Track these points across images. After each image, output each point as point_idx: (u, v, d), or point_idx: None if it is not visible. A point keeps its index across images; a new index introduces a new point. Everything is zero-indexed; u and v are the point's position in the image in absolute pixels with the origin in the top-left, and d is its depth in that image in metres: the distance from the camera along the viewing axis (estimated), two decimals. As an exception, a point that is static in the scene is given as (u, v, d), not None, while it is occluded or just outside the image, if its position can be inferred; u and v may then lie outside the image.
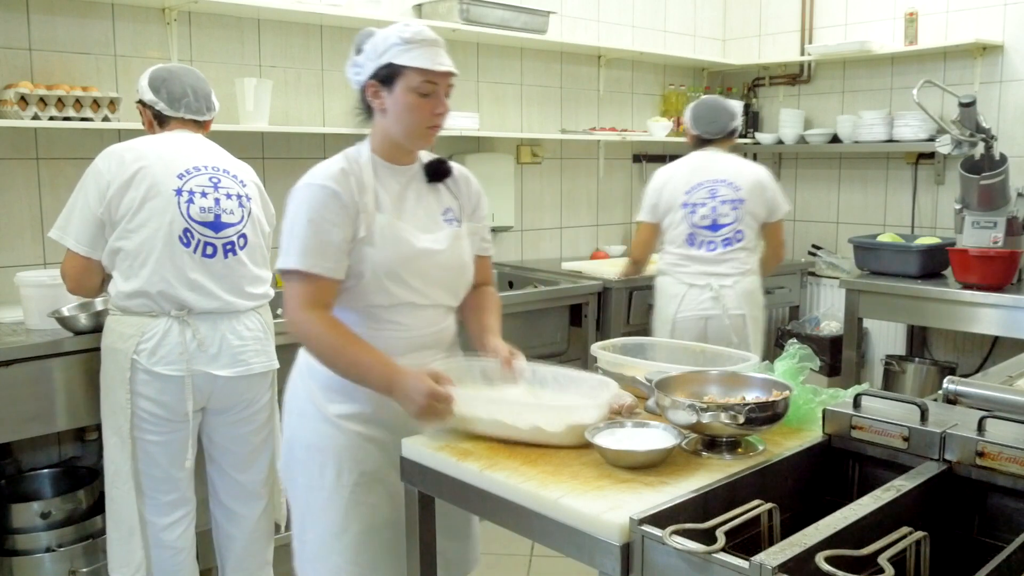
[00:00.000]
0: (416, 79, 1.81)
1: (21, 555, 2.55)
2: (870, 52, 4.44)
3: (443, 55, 1.85)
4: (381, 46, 1.83)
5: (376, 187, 1.88)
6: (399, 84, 1.82)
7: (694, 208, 3.30)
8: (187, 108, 2.46)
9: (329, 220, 1.80)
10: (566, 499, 1.42)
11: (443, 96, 1.86)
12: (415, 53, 1.81)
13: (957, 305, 3.62)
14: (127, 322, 2.32)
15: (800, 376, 1.85)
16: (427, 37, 1.84)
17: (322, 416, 1.90)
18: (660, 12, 4.95)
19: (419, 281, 1.89)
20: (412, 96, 1.82)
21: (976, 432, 1.51)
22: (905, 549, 1.23)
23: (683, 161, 3.46)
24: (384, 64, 1.82)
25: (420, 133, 1.88)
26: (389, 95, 1.84)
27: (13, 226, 2.94)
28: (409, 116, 1.84)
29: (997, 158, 3.59)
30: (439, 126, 1.88)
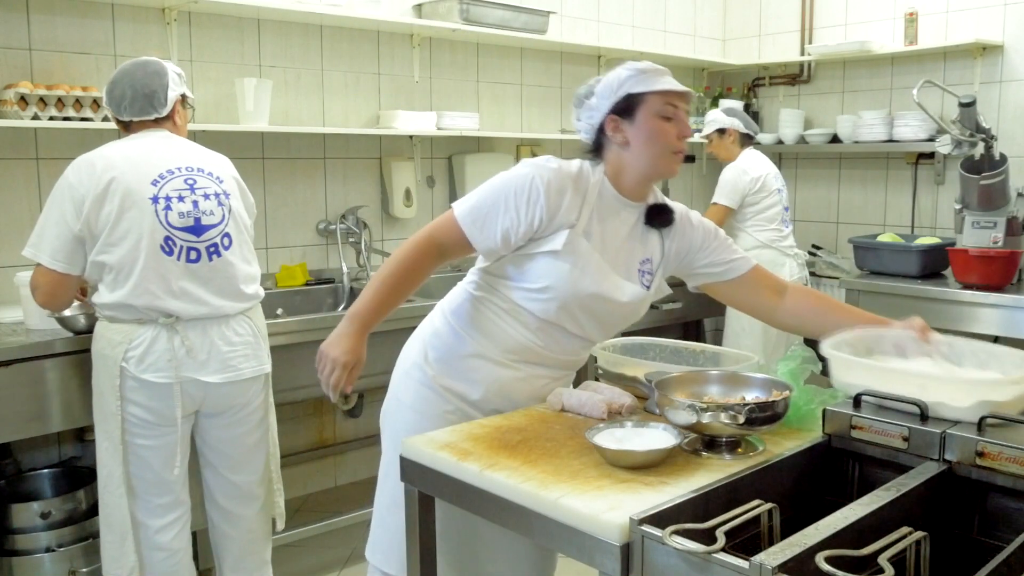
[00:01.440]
0: (658, 103, 1.83)
1: (21, 555, 2.55)
2: (870, 52, 4.44)
3: (671, 78, 1.87)
4: (615, 83, 1.85)
5: (594, 211, 1.87)
6: (641, 112, 1.84)
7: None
8: (129, 111, 2.37)
9: (510, 200, 1.81)
10: (566, 499, 1.42)
11: (684, 119, 1.87)
12: (651, 79, 1.84)
13: (957, 305, 3.62)
14: (115, 329, 2.30)
15: (801, 377, 1.85)
16: (658, 67, 1.87)
17: (428, 382, 1.96)
18: (660, 12, 4.95)
19: (584, 316, 1.90)
20: (656, 121, 1.83)
21: (976, 432, 1.51)
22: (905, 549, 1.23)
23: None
24: (623, 96, 1.84)
25: (666, 158, 1.87)
26: (631, 126, 1.85)
27: (13, 226, 2.94)
28: (655, 141, 1.84)
29: (997, 158, 3.59)
30: (683, 150, 1.88)
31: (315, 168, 3.66)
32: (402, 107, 3.81)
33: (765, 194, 3.99)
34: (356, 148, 3.76)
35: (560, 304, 1.86)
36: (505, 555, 1.99)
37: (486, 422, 1.83)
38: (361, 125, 3.74)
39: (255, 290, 2.47)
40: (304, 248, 3.64)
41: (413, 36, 3.84)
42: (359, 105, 3.74)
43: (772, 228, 4.02)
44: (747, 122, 4.10)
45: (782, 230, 4.05)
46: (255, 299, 2.47)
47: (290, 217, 3.58)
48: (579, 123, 1.94)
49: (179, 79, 2.44)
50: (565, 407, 1.90)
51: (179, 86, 2.43)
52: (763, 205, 4.00)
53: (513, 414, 1.89)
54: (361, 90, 3.74)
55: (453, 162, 4.08)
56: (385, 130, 3.63)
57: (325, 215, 3.69)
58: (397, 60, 3.84)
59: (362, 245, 3.64)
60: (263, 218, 3.49)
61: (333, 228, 3.66)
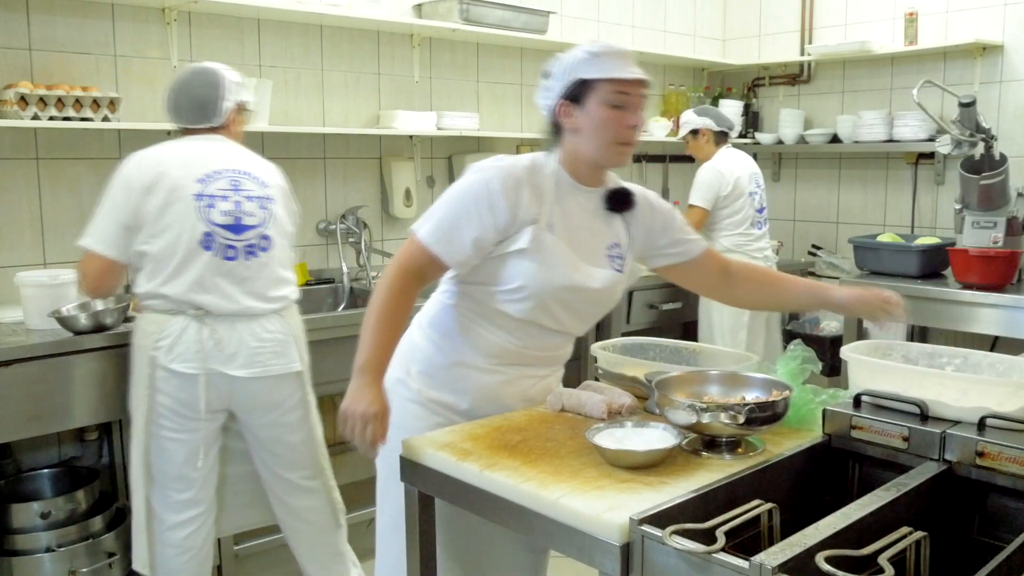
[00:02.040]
0: (608, 90, 1.76)
1: (21, 555, 2.54)
2: (870, 52, 4.44)
3: (633, 65, 1.80)
4: (569, 65, 1.80)
5: (553, 203, 1.83)
6: (590, 99, 1.78)
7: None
8: (185, 119, 2.48)
9: (471, 208, 1.77)
10: (566, 499, 1.42)
11: (636, 108, 1.80)
12: (604, 64, 1.77)
13: (957, 305, 3.61)
14: (149, 319, 2.37)
15: (801, 377, 1.85)
16: (614, 49, 1.79)
17: (414, 396, 1.92)
18: (660, 12, 4.95)
19: (560, 309, 1.86)
20: (604, 109, 1.77)
21: (976, 432, 1.51)
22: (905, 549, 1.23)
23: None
24: (573, 81, 1.78)
25: (613, 149, 1.81)
26: (581, 112, 1.79)
27: (13, 226, 2.94)
28: (602, 130, 1.79)
29: (997, 158, 3.59)
30: (632, 141, 1.81)
31: (315, 168, 3.66)
32: (402, 107, 3.81)
33: (737, 197, 3.93)
34: (356, 148, 3.76)
35: (535, 302, 1.83)
36: (499, 557, 1.98)
37: (486, 422, 1.83)
38: (361, 125, 3.73)
39: (286, 293, 2.49)
40: (304, 248, 3.64)
41: (413, 36, 3.84)
42: (359, 105, 3.74)
43: (740, 232, 3.96)
44: (720, 119, 4.01)
45: (752, 232, 3.99)
46: (284, 301, 2.49)
47: (290, 217, 3.58)
48: (539, 102, 1.89)
49: (236, 88, 2.51)
50: (565, 407, 1.90)
51: (236, 95, 2.51)
52: (733, 208, 3.94)
53: (513, 414, 1.89)
54: (361, 90, 3.74)
55: (453, 162, 4.08)
56: (385, 130, 3.63)
57: (325, 215, 3.69)
58: (397, 60, 3.84)
59: (362, 245, 3.64)
60: (263, 218, 3.49)
61: (333, 228, 3.66)
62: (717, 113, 4.08)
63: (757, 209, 4.02)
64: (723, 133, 4.00)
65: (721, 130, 3.99)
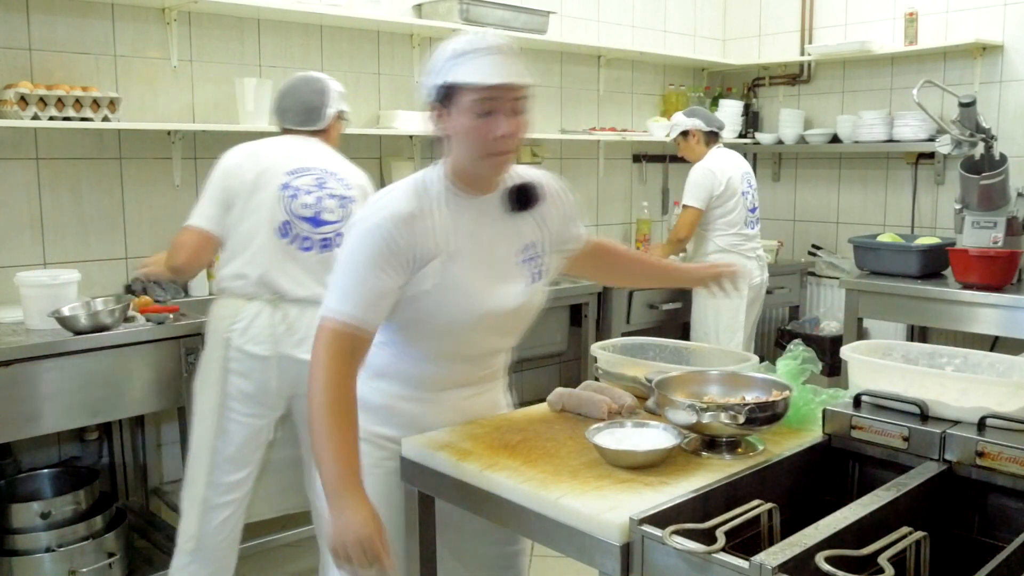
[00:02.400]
0: (469, 97, 1.56)
1: (21, 555, 2.55)
2: (870, 52, 4.44)
3: (504, 64, 1.58)
4: (438, 63, 1.61)
5: (449, 227, 1.66)
6: (455, 105, 1.59)
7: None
8: (291, 121, 2.64)
9: (375, 267, 1.61)
10: (566, 499, 1.42)
11: (506, 114, 1.58)
12: (469, 66, 1.56)
13: (957, 305, 3.62)
14: (225, 304, 2.48)
15: (801, 377, 1.85)
16: (481, 45, 1.58)
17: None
18: (660, 12, 4.95)
19: (481, 335, 1.76)
20: (468, 117, 1.58)
21: (976, 432, 1.51)
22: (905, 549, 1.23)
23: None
24: (439, 83, 1.60)
25: (485, 161, 1.63)
26: (449, 118, 1.61)
27: (13, 226, 2.94)
28: (468, 142, 1.60)
29: (997, 158, 3.59)
30: (506, 150, 1.62)
31: (315, 168, 3.65)
32: (402, 107, 3.80)
33: (730, 196, 3.91)
34: (356, 148, 3.75)
35: (453, 336, 1.72)
36: (471, 559, 1.94)
37: (486, 422, 1.83)
38: (361, 125, 3.73)
39: None
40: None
41: (413, 36, 3.84)
42: (359, 105, 3.74)
43: (734, 232, 3.95)
44: (709, 119, 3.99)
45: (746, 232, 3.98)
46: None
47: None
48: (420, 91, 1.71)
49: (339, 97, 2.69)
50: (565, 407, 1.90)
51: (338, 103, 2.69)
52: (726, 208, 3.92)
53: (513, 414, 1.89)
54: (361, 90, 3.74)
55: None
56: (385, 130, 3.63)
57: (325, 215, 3.69)
58: (397, 60, 3.84)
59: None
60: (263, 218, 3.50)
61: (333, 228, 3.66)
62: (705, 113, 4.07)
63: (750, 209, 4.00)
64: (713, 133, 3.98)
65: (711, 130, 3.97)
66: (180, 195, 3.28)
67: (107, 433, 3.12)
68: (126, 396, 2.59)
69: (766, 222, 5.09)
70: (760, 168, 5.20)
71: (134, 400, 2.62)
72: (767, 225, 5.08)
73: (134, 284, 3.13)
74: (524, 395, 4.73)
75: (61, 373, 2.48)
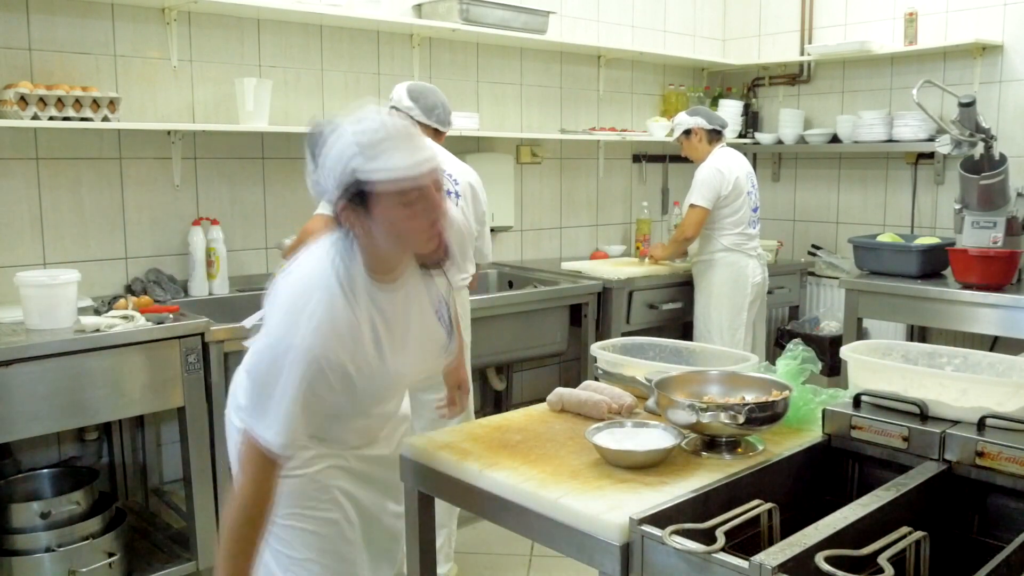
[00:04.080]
0: (395, 193, 1.46)
1: (21, 555, 2.54)
2: (870, 52, 4.44)
3: (417, 142, 1.50)
4: (342, 159, 1.46)
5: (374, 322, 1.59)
6: (376, 202, 1.47)
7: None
8: (437, 120, 2.78)
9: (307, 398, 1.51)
10: (566, 499, 1.42)
11: (435, 193, 1.51)
12: (383, 160, 1.44)
13: (957, 305, 3.62)
14: None
15: (801, 377, 1.85)
16: (389, 133, 1.47)
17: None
18: (660, 12, 4.95)
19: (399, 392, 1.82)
20: (397, 211, 1.47)
21: (976, 432, 1.51)
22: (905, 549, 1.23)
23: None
24: (350, 183, 1.46)
25: (422, 248, 1.56)
26: (368, 217, 1.49)
27: (13, 226, 2.94)
28: (399, 238, 1.52)
29: (997, 158, 3.59)
30: (441, 230, 1.54)
31: (315, 168, 3.65)
32: (402, 107, 3.80)
33: (736, 196, 3.91)
34: (356, 148, 3.76)
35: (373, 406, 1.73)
36: None
37: (485, 422, 1.83)
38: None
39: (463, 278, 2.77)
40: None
41: (413, 36, 3.84)
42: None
43: (739, 232, 3.95)
44: (711, 117, 3.98)
45: (749, 232, 3.98)
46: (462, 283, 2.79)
47: (290, 217, 3.58)
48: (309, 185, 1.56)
49: None
50: (565, 407, 1.90)
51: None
52: (733, 208, 3.92)
53: (513, 414, 1.90)
54: (361, 90, 3.74)
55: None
56: (385, 130, 3.62)
57: (325, 215, 3.69)
58: (397, 60, 3.84)
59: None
60: (263, 218, 3.50)
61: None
62: (707, 112, 4.07)
63: (753, 208, 4.02)
64: (716, 131, 3.97)
65: (713, 128, 3.96)
66: (180, 195, 3.28)
67: (107, 433, 3.12)
68: (126, 396, 2.59)
69: (766, 222, 5.09)
70: (760, 168, 5.20)
71: (134, 400, 2.62)
72: (767, 225, 5.08)
73: (134, 284, 3.13)
74: (524, 395, 4.76)
75: (61, 373, 2.47)
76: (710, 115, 4.01)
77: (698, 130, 3.96)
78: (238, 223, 3.43)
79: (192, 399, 2.72)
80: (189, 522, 2.82)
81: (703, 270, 4.00)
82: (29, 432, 2.50)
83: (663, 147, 4.91)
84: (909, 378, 1.65)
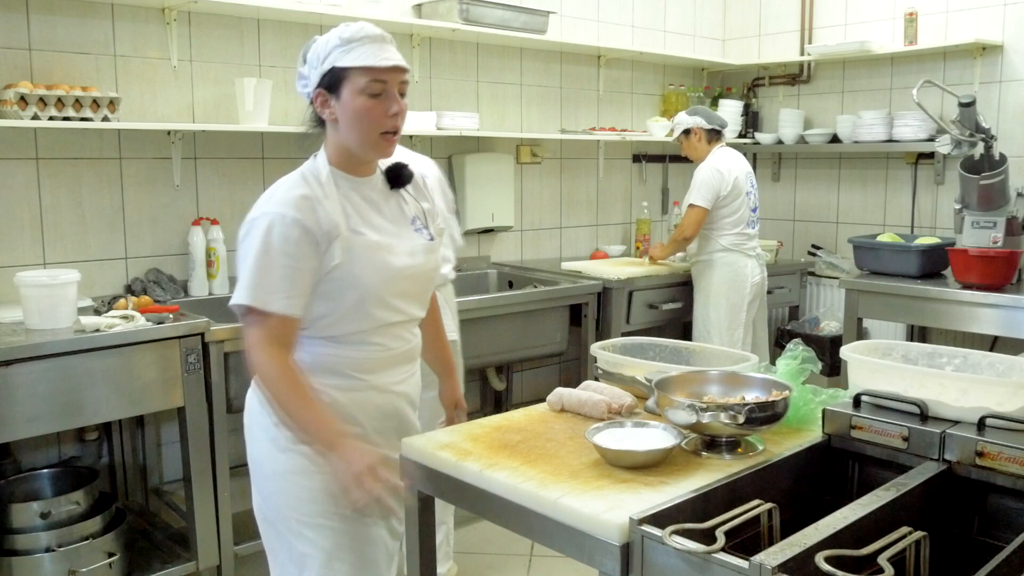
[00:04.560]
0: (362, 79, 1.69)
1: (21, 555, 2.55)
2: (870, 52, 4.44)
3: (390, 50, 1.72)
4: (323, 51, 1.71)
5: (345, 206, 1.75)
6: (346, 88, 1.70)
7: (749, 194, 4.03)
8: None
9: (287, 252, 1.66)
10: (566, 499, 1.42)
11: (396, 95, 1.72)
12: (358, 52, 1.68)
13: (957, 305, 3.62)
14: None
15: (801, 377, 1.85)
16: (369, 33, 1.70)
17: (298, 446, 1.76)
18: (660, 12, 4.95)
19: (399, 300, 1.80)
20: (361, 99, 1.69)
21: (976, 432, 1.51)
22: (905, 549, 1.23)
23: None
24: (327, 70, 1.70)
25: (374, 140, 1.74)
26: (337, 103, 1.72)
27: (13, 226, 2.94)
28: (361, 122, 1.71)
29: (997, 158, 3.59)
30: (396, 129, 1.74)
31: (315, 168, 3.66)
32: (402, 107, 3.80)
33: (736, 196, 3.92)
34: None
35: (369, 306, 1.75)
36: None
37: (485, 422, 1.83)
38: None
39: (447, 271, 2.66)
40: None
41: (413, 36, 3.84)
42: (359, 105, 3.74)
43: (739, 232, 3.97)
44: (710, 117, 4.00)
45: (748, 232, 4.00)
46: (442, 279, 2.67)
47: (290, 217, 3.59)
48: (298, 86, 1.79)
49: None
50: (565, 407, 1.90)
51: None
52: (732, 208, 3.93)
53: (513, 413, 1.90)
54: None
55: (453, 162, 4.08)
56: (385, 130, 3.62)
57: (325, 215, 3.69)
58: (397, 60, 3.84)
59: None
60: (263, 218, 3.50)
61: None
62: (707, 111, 4.07)
63: (752, 208, 4.02)
64: (715, 131, 3.99)
65: (713, 127, 3.97)
66: (180, 195, 3.28)
67: (107, 433, 3.12)
68: (126, 396, 2.59)
69: (766, 222, 5.10)
70: (760, 168, 5.20)
71: (134, 400, 2.62)
72: (767, 225, 5.09)
73: (134, 284, 3.13)
74: (524, 395, 4.76)
75: (61, 373, 2.47)
76: (709, 115, 4.01)
77: (697, 130, 3.97)
78: (238, 223, 3.36)
79: (192, 399, 2.72)
80: (189, 522, 2.82)
81: (702, 270, 4.00)
82: (29, 432, 2.50)
83: (663, 147, 4.91)
84: (909, 378, 1.64)
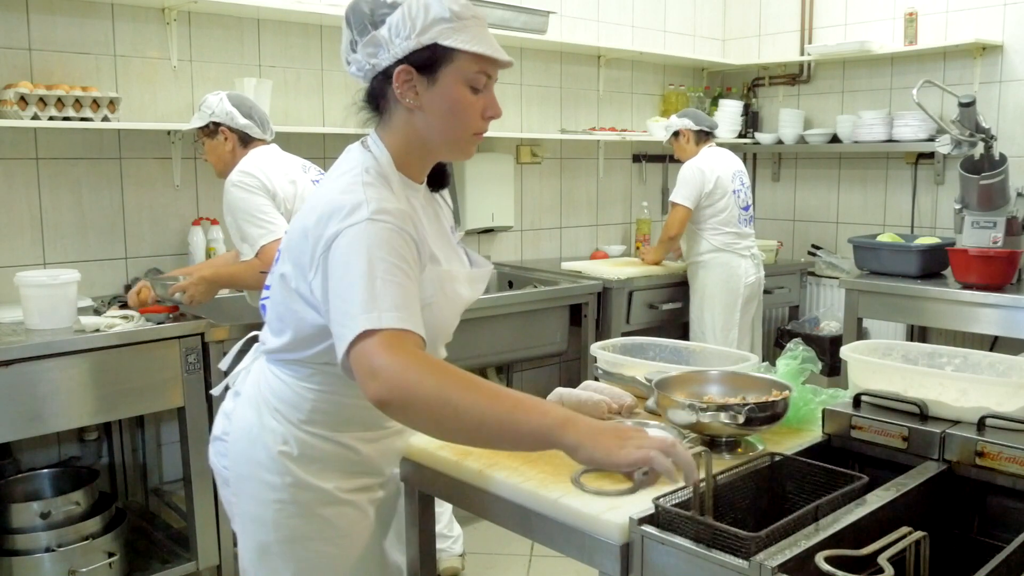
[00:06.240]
0: (471, 67, 1.40)
1: (21, 555, 2.55)
2: (870, 52, 4.44)
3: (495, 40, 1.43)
4: (421, 20, 1.37)
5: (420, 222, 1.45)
6: (447, 73, 1.39)
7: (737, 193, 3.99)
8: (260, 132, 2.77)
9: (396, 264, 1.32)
10: (566, 499, 1.41)
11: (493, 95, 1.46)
12: (469, 34, 1.38)
13: (957, 305, 3.62)
14: None
15: (801, 377, 1.85)
16: (477, 14, 1.41)
17: (322, 495, 1.55)
18: (660, 12, 4.95)
19: (450, 329, 1.58)
20: (463, 90, 1.41)
21: (976, 432, 1.51)
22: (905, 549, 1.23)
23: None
24: (426, 45, 1.38)
25: (466, 139, 1.47)
26: (430, 87, 1.41)
27: (13, 226, 2.94)
28: (457, 116, 1.43)
29: (997, 158, 3.59)
30: (486, 132, 1.49)
31: (315, 168, 3.66)
32: (402, 107, 3.80)
33: (720, 195, 3.91)
34: (356, 148, 3.76)
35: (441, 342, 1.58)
36: None
37: (486, 422, 1.82)
38: (361, 125, 3.71)
39: None
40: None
41: (413, 36, 3.84)
42: (359, 105, 3.74)
43: (728, 231, 3.95)
44: (699, 119, 4.01)
45: (739, 231, 3.97)
46: None
47: (290, 217, 3.59)
48: (355, 55, 1.46)
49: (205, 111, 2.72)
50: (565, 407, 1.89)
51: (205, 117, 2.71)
52: (717, 207, 3.92)
53: (513, 414, 1.89)
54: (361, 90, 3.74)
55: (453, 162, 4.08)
56: (385, 130, 3.62)
57: (325, 215, 3.69)
58: (397, 60, 3.84)
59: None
60: (263, 218, 3.49)
61: (333, 228, 3.66)
62: (696, 113, 4.08)
63: (742, 207, 4.00)
64: (703, 132, 4.00)
65: (701, 129, 3.99)
66: (180, 195, 3.28)
67: (107, 433, 3.12)
68: (126, 396, 2.59)
69: (766, 222, 5.10)
70: (760, 168, 5.21)
71: (134, 400, 2.62)
72: (767, 225, 5.09)
73: (134, 284, 3.12)
74: (524, 395, 4.70)
75: (61, 373, 2.48)
76: (698, 116, 4.04)
77: (685, 131, 4.00)
78: (238, 223, 3.43)
79: (192, 399, 2.72)
80: (189, 522, 2.82)
81: (695, 271, 4.01)
82: (29, 432, 2.50)
83: (663, 147, 4.89)
84: (909, 378, 1.64)
